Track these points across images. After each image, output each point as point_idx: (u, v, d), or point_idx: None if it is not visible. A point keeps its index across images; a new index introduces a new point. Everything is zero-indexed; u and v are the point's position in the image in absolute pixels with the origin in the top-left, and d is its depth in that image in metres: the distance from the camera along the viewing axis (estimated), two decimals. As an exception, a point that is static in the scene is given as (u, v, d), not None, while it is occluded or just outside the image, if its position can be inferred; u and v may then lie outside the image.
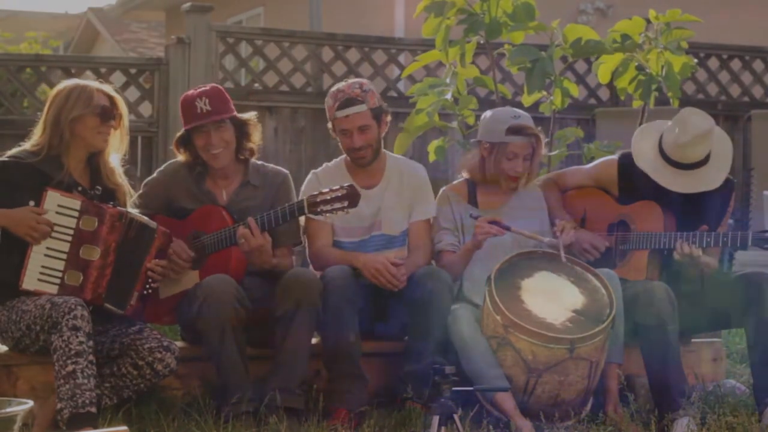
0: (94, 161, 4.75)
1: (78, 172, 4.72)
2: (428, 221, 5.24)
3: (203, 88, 4.98)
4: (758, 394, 4.97)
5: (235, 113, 4.99)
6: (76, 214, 4.61)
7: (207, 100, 4.89)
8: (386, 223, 5.16)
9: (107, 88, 4.77)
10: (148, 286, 4.71)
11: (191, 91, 5.01)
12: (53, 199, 4.59)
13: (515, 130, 5.11)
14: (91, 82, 4.83)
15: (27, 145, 4.72)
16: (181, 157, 5.05)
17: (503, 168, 5.14)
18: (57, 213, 4.59)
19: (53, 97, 4.71)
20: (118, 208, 4.70)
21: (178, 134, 5.03)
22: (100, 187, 4.74)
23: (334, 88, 5.16)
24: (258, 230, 4.74)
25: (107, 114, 4.69)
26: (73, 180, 4.69)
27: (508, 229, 4.96)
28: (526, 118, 5.18)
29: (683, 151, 5.04)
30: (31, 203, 4.59)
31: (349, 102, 5.05)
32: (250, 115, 5.05)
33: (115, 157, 4.80)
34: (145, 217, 4.77)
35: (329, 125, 5.17)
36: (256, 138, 5.05)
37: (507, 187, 5.22)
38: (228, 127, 4.95)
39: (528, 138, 5.11)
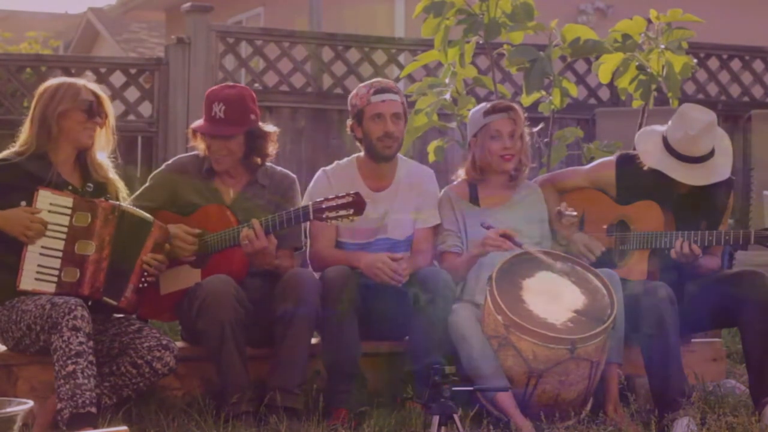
0: (82, 159, 4.75)
1: (67, 171, 4.72)
2: (433, 228, 5.23)
3: (228, 90, 4.94)
4: (755, 394, 4.98)
5: (252, 125, 4.93)
6: (68, 211, 4.61)
7: (223, 107, 4.87)
8: (392, 227, 5.15)
9: (94, 86, 4.77)
10: (143, 279, 4.70)
11: (218, 88, 4.98)
12: (45, 198, 4.59)
13: (491, 110, 5.21)
14: (77, 80, 4.83)
15: (16, 146, 4.72)
16: (193, 143, 5.02)
17: (492, 150, 5.16)
18: (50, 212, 4.59)
19: (40, 94, 4.71)
20: (111, 201, 4.70)
21: (195, 124, 5.02)
22: (91, 185, 4.74)
23: (361, 85, 5.19)
24: (262, 233, 4.73)
25: (93, 110, 4.69)
26: (63, 180, 4.69)
27: (519, 246, 4.94)
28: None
29: (693, 144, 5.05)
30: (23, 203, 4.59)
31: (386, 89, 5.11)
32: (271, 129, 5.01)
33: (102, 154, 4.79)
34: (142, 212, 4.77)
35: (348, 122, 5.14)
36: (269, 151, 5.01)
37: (501, 169, 5.20)
38: (236, 138, 4.92)
39: (506, 113, 5.17)
